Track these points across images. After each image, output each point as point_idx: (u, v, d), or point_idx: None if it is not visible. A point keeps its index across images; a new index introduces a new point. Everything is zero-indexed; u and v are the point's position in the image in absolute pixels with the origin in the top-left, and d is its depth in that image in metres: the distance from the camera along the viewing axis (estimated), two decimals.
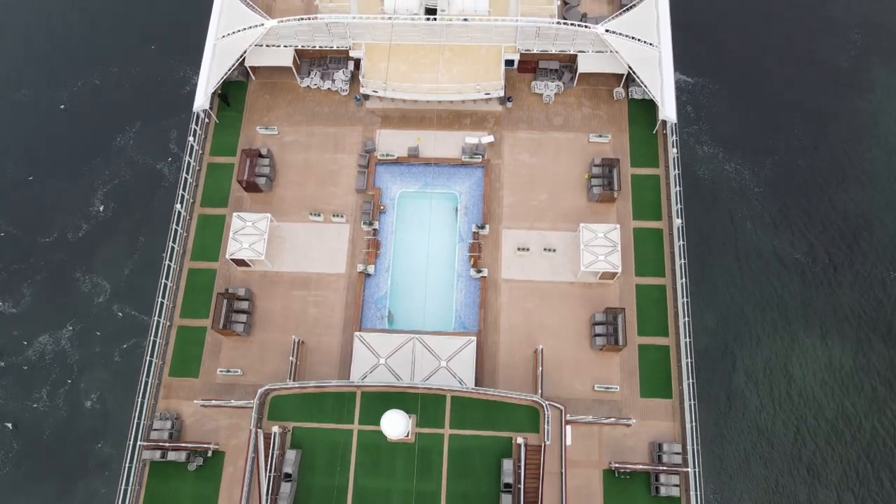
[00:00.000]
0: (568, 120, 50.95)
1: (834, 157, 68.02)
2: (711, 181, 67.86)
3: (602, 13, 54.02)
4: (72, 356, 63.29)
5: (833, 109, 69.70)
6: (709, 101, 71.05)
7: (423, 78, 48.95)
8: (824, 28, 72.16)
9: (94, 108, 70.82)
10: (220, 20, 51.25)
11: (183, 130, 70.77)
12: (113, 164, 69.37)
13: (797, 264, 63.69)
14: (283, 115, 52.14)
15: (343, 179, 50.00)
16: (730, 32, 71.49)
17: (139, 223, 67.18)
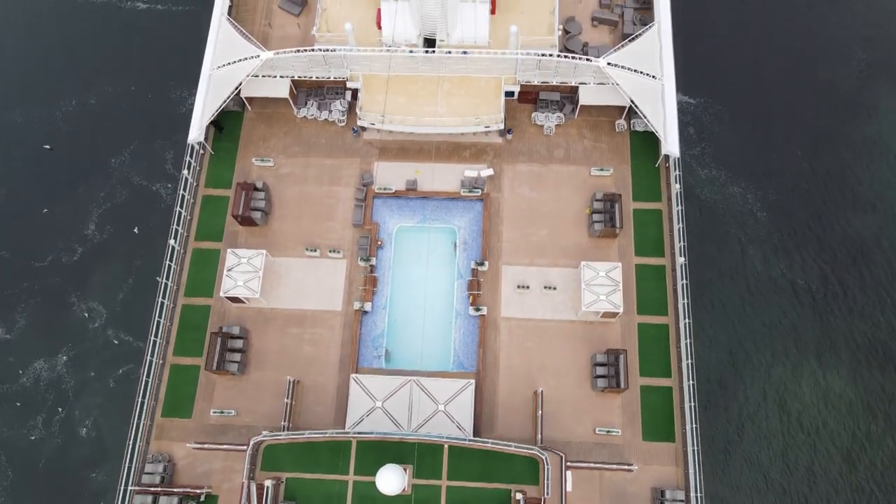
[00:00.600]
0: (569, 152, 49.75)
1: (839, 179, 66.74)
2: (714, 204, 66.64)
3: (604, 42, 52.83)
4: (67, 382, 62.31)
5: (838, 130, 68.49)
6: (711, 122, 69.83)
7: (422, 111, 47.81)
8: (828, 46, 70.91)
9: (89, 128, 69.64)
10: (214, 50, 50.12)
11: (179, 151, 69.74)
12: (108, 186, 68.38)
13: (803, 290, 62.46)
14: (279, 147, 51.00)
15: (340, 213, 48.87)
16: (732, 52, 70.28)
17: (135, 245, 66.18)
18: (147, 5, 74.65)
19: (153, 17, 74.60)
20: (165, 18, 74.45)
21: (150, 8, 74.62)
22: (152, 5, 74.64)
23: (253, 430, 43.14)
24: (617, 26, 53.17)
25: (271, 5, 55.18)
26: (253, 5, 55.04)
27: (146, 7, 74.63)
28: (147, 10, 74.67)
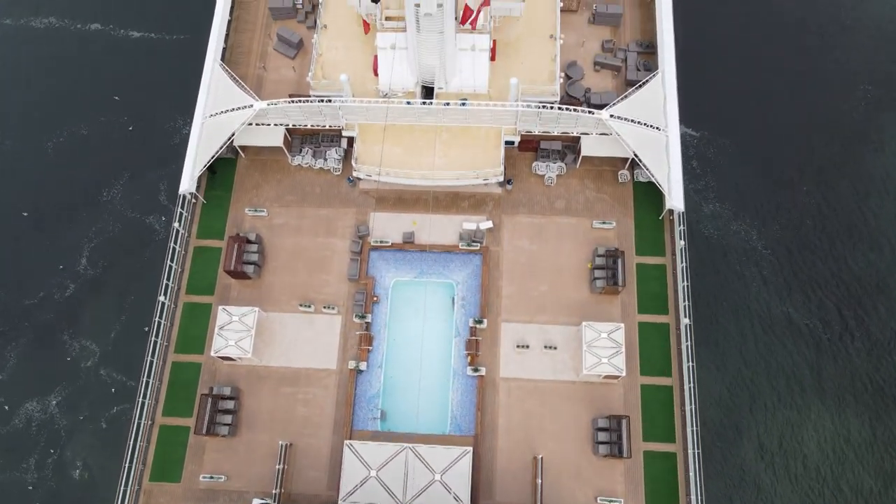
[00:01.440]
0: (570, 204, 48.32)
1: (846, 215, 65.34)
2: (718, 240, 65.22)
3: (606, 88, 51.37)
4: (59, 423, 61.00)
5: (844, 164, 67.06)
6: (714, 156, 68.35)
7: (419, 162, 46.49)
8: (833, 78, 69.52)
9: (81, 159, 68.11)
10: (207, 97, 48.60)
11: (173, 182, 68.30)
12: (100, 219, 67.03)
13: (809, 330, 61.09)
14: (272, 195, 49.56)
15: (335, 266, 47.45)
16: (736, 83, 68.76)
17: (128, 280, 64.76)
18: (141, 34, 73.21)
19: (147, 45, 73.24)
20: (159, 47, 73.08)
21: (144, 37, 73.19)
22: (146, 34, 73.19)
23: (244, 497, 41.76)
24: (620, 71, 51.57)
25: (266, 48, 53.75)
26: (247, 47, 53.60)
27: (140, 36, 73.22)
28: (140, 39, 73.31)
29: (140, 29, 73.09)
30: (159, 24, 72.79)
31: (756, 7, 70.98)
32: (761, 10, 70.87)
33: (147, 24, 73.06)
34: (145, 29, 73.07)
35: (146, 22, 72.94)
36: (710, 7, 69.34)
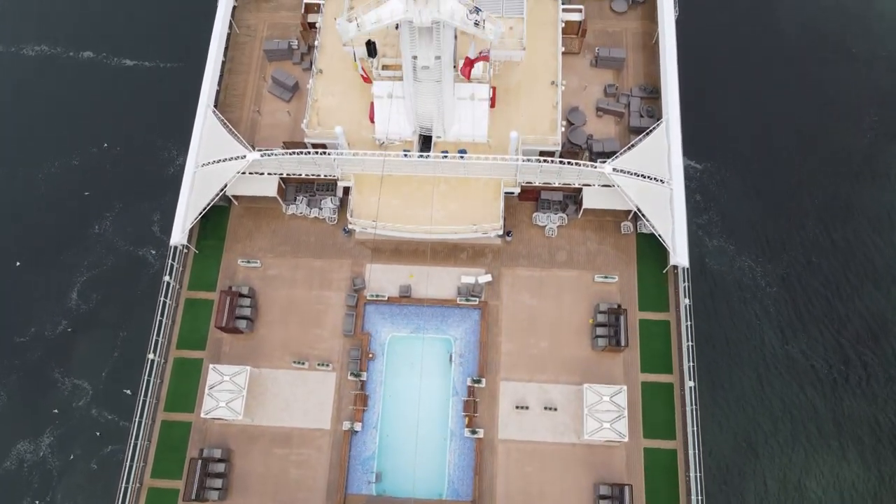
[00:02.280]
0: (572, 256, 47.15)
1: (853, 250, 64.21)
2: (721, 278, 64.07)
3: (609, 134, 50.27)
4: (51, 463, 60.10)
5: (850, 197, 65.98)
6: (718, 189, 67.14)
7: (417, 215, 45.23)
8: (839, 108, 68.48)
9: (72, 191, 66.99)
10: (199, 145, 47.39)
11: (167, 213, 67.33)
12: (92, 252, 65.92)
13: (815, 372, 59.99)
14: (266, 245, 48.45)
15: (330, 320, 46.30)
16: (739, 114, 67.62)
17: (121, 315, 63.70)
18: (135, 62, 72.02)
19: (141, 74, 72.03)
20: (154, 76, 71.89)
21: (138, 65, 71.99)
22: (140, 62, 71.99)
23: None
24: (623, 117, 50.36)
25: (261, 90, 52.62)
26: (241, 90, 52.44)
27: (133, 64, 72.03)
28: (134, 68, 72.11)
29: (134, 57, 71.90)
30: (153, 53, 71.64)
31: (761, 35, 69.86)
32: (766, 38, 69.76)
33: (141, 53, 71.88)
34: (139, 57, 71.87)
35: (140, 50, 71.76)
36: (713, 35, 68.17)
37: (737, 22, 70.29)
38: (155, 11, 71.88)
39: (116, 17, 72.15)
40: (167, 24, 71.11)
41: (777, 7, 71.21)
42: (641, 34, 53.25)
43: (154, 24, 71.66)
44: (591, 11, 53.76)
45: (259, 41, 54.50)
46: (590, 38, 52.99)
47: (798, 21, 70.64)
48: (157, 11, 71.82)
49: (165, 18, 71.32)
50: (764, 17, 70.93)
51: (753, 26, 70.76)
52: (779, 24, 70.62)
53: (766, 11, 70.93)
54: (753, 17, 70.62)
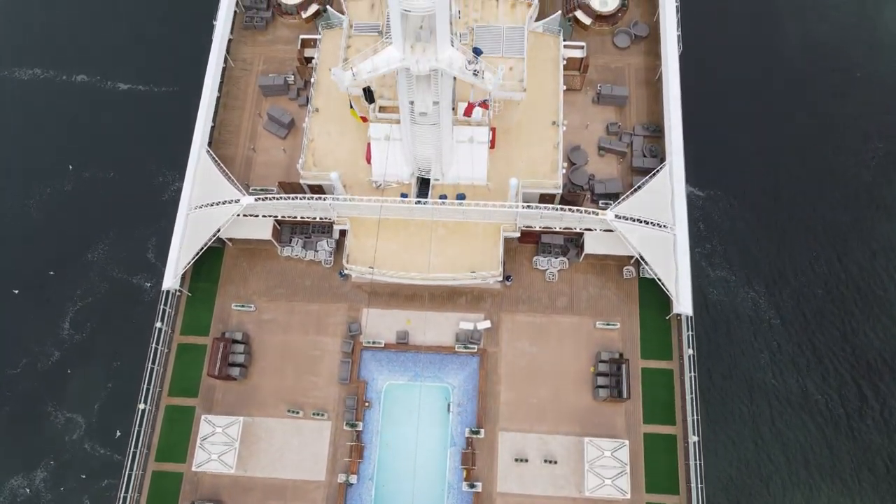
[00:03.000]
0: (573, 301, 46.41)
1: (857, 281, 63.53)
2: (724, 308, 63.44)
3: (611, 174, 49.59)
4: (45, 499, 59.28)
5: (854, 227, 65.30)
6: (721, 217, 66.46)
7: (414, 260, 44.48)
8: (843, 135, 67.91)
9: (64, 217, 66.38)
10: (192, 187, 46.65)
11: (162, 239, 66.69)
12: (85, 280, 65.34)
13: (822, 405, 59.37)
14: (261, 288, 47.72)
15: (325, 367, 45.62)
16: (743, 141, 66.86)
17: (114, 345, 63.11)
18: (129, 86, 71.38)
19: (135, 98, 71.41)
20: (148, 100, 71.31)
21: (132, 89, 71.35)
22: (134, 86, 71.34)
23: None
24: (625, 157, 49.60)
25: (256, 126, 51.82)
26: (236, 126, 51.75)
27: (127, 88, 71.35)
28: (129, 92, 71.45)
29: (128, 81, 71.27)
30: (148, 76, 71.04)
31: (764, 61, 69.20)
32: (769, 63, 69.13)
33: (135, 76, 71.29)
34: (133, 81, 71.25)
35: (134, 73, 71.14)
36: (716, 61, 67.46)
37: (740, 47, 69.63)
38: (149, 35, 71.30)
39: (110, 40, 71.56)
40: (162, 48, 70.50)
41: (780, 33, 70.55)
42: (644, 70, 52.51)
43: (149, 47, 71.07)
44: (594, 47, 53.05)
45: (255, 75, 53.76)
46: (592, 74, 52.26)
47: (801, 46, 70.05)
48: (151, 35, 71.24)
49: (160, 42, 70.71)
50: (767, 42, 70.29)
51: (756, 52, 70.14)
52: (782, 50, 70.02)
53: (769, 37, 70.29)
54: (756, 43, 69.98)
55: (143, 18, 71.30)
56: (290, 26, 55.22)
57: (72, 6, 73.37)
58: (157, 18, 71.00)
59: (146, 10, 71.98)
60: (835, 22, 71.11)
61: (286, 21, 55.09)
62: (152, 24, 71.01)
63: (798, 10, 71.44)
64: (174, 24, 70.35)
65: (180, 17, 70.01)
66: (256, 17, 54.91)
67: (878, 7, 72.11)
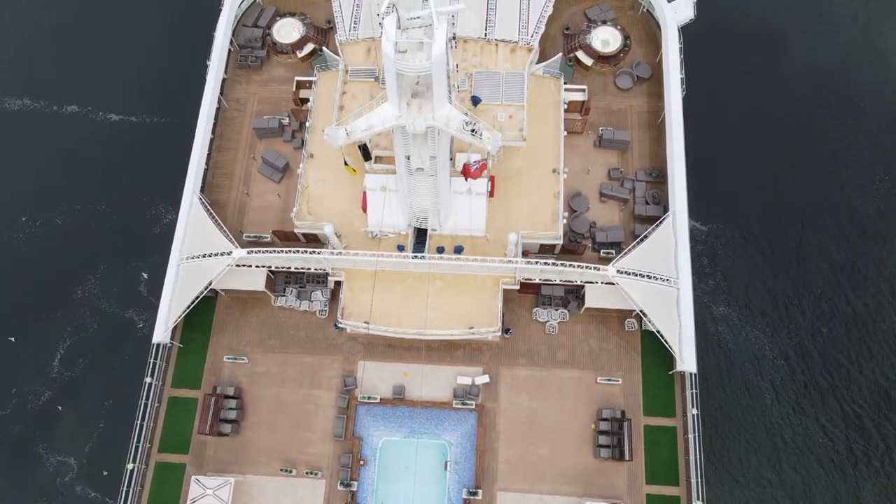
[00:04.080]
0: (573, 354, 46.00)
1: (863, 319, 62.93)
2: (727, 347, 63.08)
3: (613, 221, 49.28)
4: None
5: (859, 262, 65.08)
6: (724, 252, 66.10)
7: (411, 314, 44.05)
8: (847, 166, 67.59)
9: (54, 251, 65.97)
10: (184, 236, 46.18)
11: (155, 272, 66.41)
12: (76, 316, 64.97)
13: (824, 450, 58.78)
14: (254, 339, 47.29)
15: (319, 422, 45.23)
16: (745, 174, 66.68)
17: (106, 382, 62.89)
18: (120, 117, 71.04)
19: (127, 129, 71.11)
20: (140, 131, 71.02)
21: (124, 120, 71.01)
22: (126, 117, 71.01)
23: None
24: (627, 203, 49.17)
25: (250, 169, 51.44)
26: (230, 169, 51.35)
27: (119, 119, 70.96)
28: (120, 122, 71.10)
29: (119, 112, 70.94)
30: (140, 107, 70.77)
31: (767, 92, 68.92)
32: (772, 94, 68.85)
33: (127, 107, 71.01)
34: (125, 112, 70.94)
35: (126, 104, 70.88)
36: (719, 92, 67.11)
37: (743, 79, 69.37)
38: (141, 65, 71.04)
39: (101, 70, 71.25)
40: (154, 78, 70.30)
41: (784, 64, 70.34)
42: (647, 112, 52.14)
43: (140, 77, 70.84)
44: (596, 87, 52.70)
45: (249, 116, 53.41)
46: (593, 117, 51.89)
47: (804, 77, 69.90)
48: (143, 65, 71.00)
49: (152, 72, 70.48)
50: (770, 74, 70.05)
51: (760, 83, 69.95)
52: (785, 81, 69.84)
53: (773, 69, 70.01)
54: (760, 75, 69.73)
55: (134, 48, 71.07)
56: (286, 65, 54.80)
57: (61, 36, 73.09)
58: (148, 48, 70.77)
59: (137, 39, 71.68)
60: (838, 53, 70.85)
61: (281, 60, 54.68)
62: (143, 54, 70.76)
63: (802, 40, 71.11)
64: (166, 54, 70.09)
65: (172, 46, 69.79)
66: (251, 56, 54.47)
67: (882, 37, 71.77)
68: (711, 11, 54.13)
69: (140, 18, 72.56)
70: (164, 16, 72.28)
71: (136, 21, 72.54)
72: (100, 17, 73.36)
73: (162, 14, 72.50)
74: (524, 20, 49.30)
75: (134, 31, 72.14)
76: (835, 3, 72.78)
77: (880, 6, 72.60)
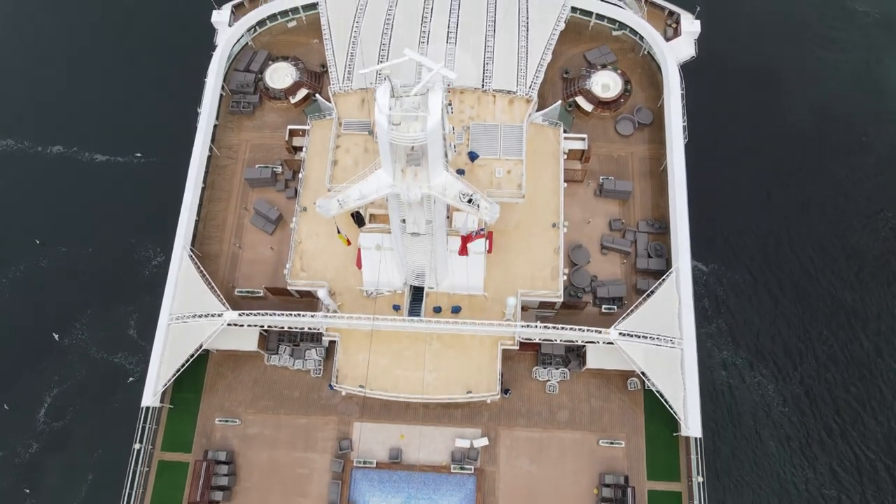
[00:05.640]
0: (574, 415, 46.07)
1: (874, 365, 62.88)
2: (730, 393, 63.23)
3: (614, 274, 49.60)
4: None
5: (865, 306, 65.10)
6: (727, 294, 66.24)
7: (407, 376, 44.15)
8: (851, 206, 67.66)
9: (39, 295, 65.82)
10: (174, 295, 46.21)
11: (145, 315, 66.36)
12: (63, 363, 64.79)
13: (837, 500, 58.37)
14: (246, 399, 47.32)
15: (314, 488, 45.31)
16: (748, 214, 67.03)
17: (96, 431, 62.69)
18: (106, 157, 71.21)
19: (113, 170, 71.10)
20: (127, 171, 71.10)
21: (110, 160, 71.14)
22: (112, 157, 71.20)
23: None
24: (629, 256, 49.25)
25: (242, 220, 51.46)
26: (222, 220, 51.47)
27: (105, 160, 71.00)
28: (107, 163, 71.07)
29: (106, 152, 71.11)
30: (127, 147, 70.99)
31: (768, 127, 69.20)
32: (774, 130, 69.10)
33: (114, 147, 71.08)
34: (112, 152, 71.12)
35: (113, 145, 71.00)
36: (719, 128, 67.42)
37: (743, 114, 69.68)
38: (128, 103, 71.12)
39: (86, 110, 71.30)
40: (141, 117, 70.41)
41: (784, 98, 70.66)
42: (648, 159, 52.34)
43: (128, 116, 70.93)
44: (596, 134, 52.92)
45: (241, 164, 53.53)
46: (594, 164, 52.12)
47: (806, 111, 70.25)
48: (130, 103, 71.03)
49: (139, 111, 70.62)
50: (771, 108, 70.35)
51: (760, 118, 70.29)
52: (786, 115, 70.22)
53: (773, 102, 70.26)
54: (760, 107, 70.04)
55: (121, 87, 71.18)
56: (278, 110, 54.98)
57: (44, 76, 73.18)
58: (135, 87, 70.90)
59: (124, 77, 71.82)
60: (840, 86, 71.21)
61: (274, 106, 54.85)
62: (131, 93, 70.89)
63: (802, 74, 71.53)
64: (153, 91, 70.24)
65: (160, 84, 69.95)
66: (243, 102, 54.59)
67: (882, 67, 72.20)
68: (710, 46, 54.44)
69: (125, 54, 72.71)
70: (148, 52, 72.45)
71: (122, 58, 72.70)
72: (82, 53, 73.51)
73: (147, 50, 72.67)
74: (522, 69, 49.42)
75: (119, 68, 72.33)
76: (835, 34, 73.19)
77: (881, 36, 73.06)
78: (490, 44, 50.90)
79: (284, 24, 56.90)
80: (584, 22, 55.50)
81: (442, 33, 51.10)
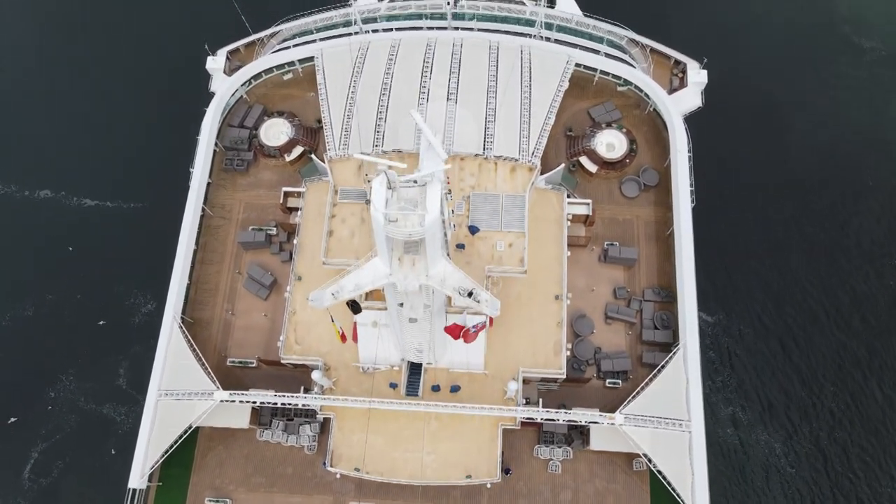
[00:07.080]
0: (577, 496, 45.74)
1: (889, 419, 62.23)
2: (736, 451, 62.88)
3: (619, 345, 49.18)
4: None
5: (879, 352, 64.42)
6: (732, 345, 65.93)
7: (404, 458, 43.64)
8: (859, 250, 67.41)
9: (25, 346, 65.64)
10: (163, 369, 45.62)
11: (135, 364, 65.98)
12: (50, 417, 64.19)
13: None
14: (238, 476, 46.77)
15: None
16: (751, 261, 66.83)
17: (84, 487, 61.92)
18: (95, 202, 70.97)
19: (102, 215, 70.88)
20: (116, 217, 70.93)
21: (99, 205, 70.94)
22: (101, 202, 70.94)
23: None
24: (634, 326, 48.71)
25: (235, 284, 50.77)
26: (214, 284, 50.88)
27: (94, 204, 70.71)
28: (96, 208, 70.80)
29: (95, 197, 70.86)
30: (116, 192, 70.72)
31: (774, 173, 68.76)
32: (779, 176, 68.74)
33: (103, 192, 70.95)
34: (100, 197, 70.85)
35: (102, 189, 70.78)
36: (724, 174, 66.96)
37: (746, 158, 69.30)
38: (118, 148, 70.88)
39: (76, 154, 70.98)
40: (132, 162, 70.19)
41: (788, 141, 70.59)
42: (654, 223, 51.83)
43: (118, 161, 70.66)
44: (600, 195, 52.44)
45: (234, 224, 53.01)
46: (598, 227, 51.64)
47: (811, 155, 69.97)
48: (120, 148, 70.82)
49: (129, 155, 70.28)
50: (778, 152, 70.16)
51: (766, 161, 69.98)
52: (793, 159, 70.10)
53: (778, 146, 70.08)
54: (766, 152, 69.80)
55: (111, 131, 70.85)
56: (273, 168, 54.44)
57: (32, 119, 72.78)
58: (126, 131, 70.60)
59: (114, 121, 71.43)
60: (846, 128, 70.93)
61: (269, 163, 54.27)
62: (121, 137, 70.55)
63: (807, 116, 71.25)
64: (144, 137, 69.86)
65: (151, 128, 69.72)
66: (237, 159, 54.03)
67: (889, 107, 71.85)
68: (712, 91, 53.89)
69: (116, 98, 72.36)
70: (140, 96, 72.12)
71: (112, 101, 72.32)
72: (71, 95, 73.06)
73: (138, 94, 72.32)
74: (524, 133, 48.89)
75: (110, 111, 71.94)
76: (840, 75, 72.81)
77: (886, 75, 72.75)
78: (492, 104, 50.36)
79: (280, 76, 56.33)
80: (589, 76, 54.98)
81: (442, 92, 50.58)
